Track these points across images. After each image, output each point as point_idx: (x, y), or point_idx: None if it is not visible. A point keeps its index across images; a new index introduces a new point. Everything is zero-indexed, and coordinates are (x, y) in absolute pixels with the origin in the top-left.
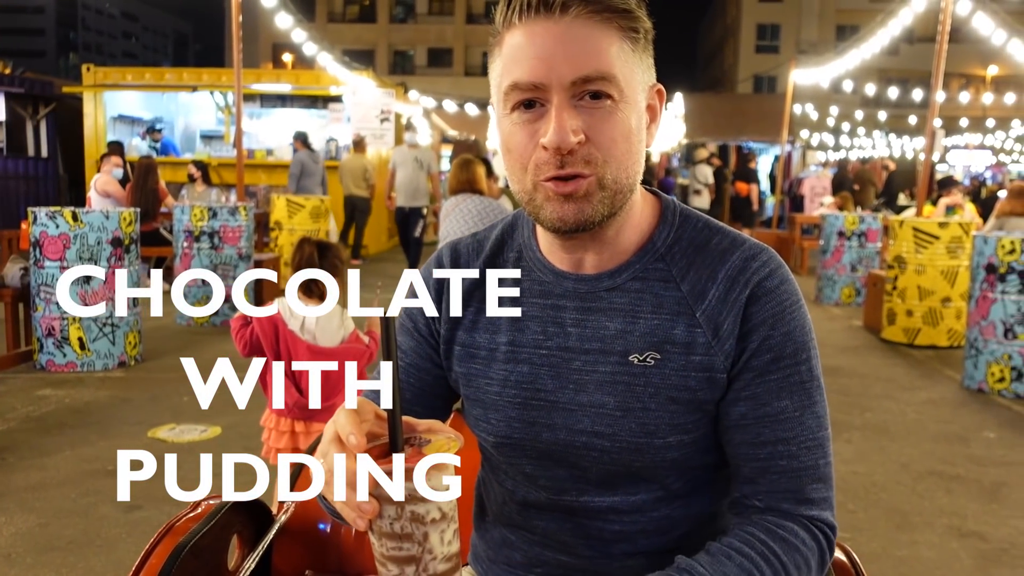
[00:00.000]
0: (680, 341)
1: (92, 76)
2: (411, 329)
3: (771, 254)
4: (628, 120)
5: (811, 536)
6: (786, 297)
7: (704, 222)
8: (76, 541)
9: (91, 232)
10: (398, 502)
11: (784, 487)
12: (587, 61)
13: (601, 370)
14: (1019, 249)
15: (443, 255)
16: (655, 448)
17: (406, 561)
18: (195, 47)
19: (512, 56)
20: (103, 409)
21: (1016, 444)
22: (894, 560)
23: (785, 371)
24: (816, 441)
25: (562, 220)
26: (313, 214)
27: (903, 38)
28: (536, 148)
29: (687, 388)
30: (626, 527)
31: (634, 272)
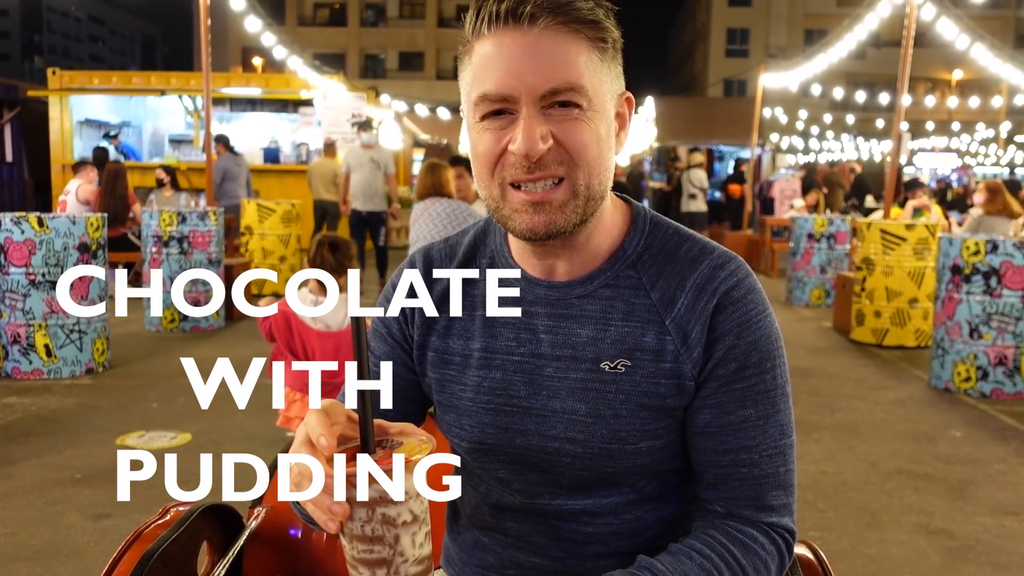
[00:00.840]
0: (650, 348)
1: (58, 80)
2: (384, 335)
3: (739, 263)
4: (597, 128)
5: (771, 541)
6: (752, 307)
7: (674, 229)
8: (43, 551)
9: (57, 238)
10: (369, 504)
11: (745, 494)
12: (556, 72)
13: (573, 377)
14: (983, 250)
15: (416, 261)
16: (626, 453)
17: (377, 564)
18: (163, 51)
19: (482, 66)
20: (70, 417)
21: (982, 442)
22: (863, 558)
23: (750, 380)
24: (778, 449)
25: (532, 230)
26: (284, 219)
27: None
28: (504, 152)
29: (657, 395)
30: (598, 529)
31: (605, 279)
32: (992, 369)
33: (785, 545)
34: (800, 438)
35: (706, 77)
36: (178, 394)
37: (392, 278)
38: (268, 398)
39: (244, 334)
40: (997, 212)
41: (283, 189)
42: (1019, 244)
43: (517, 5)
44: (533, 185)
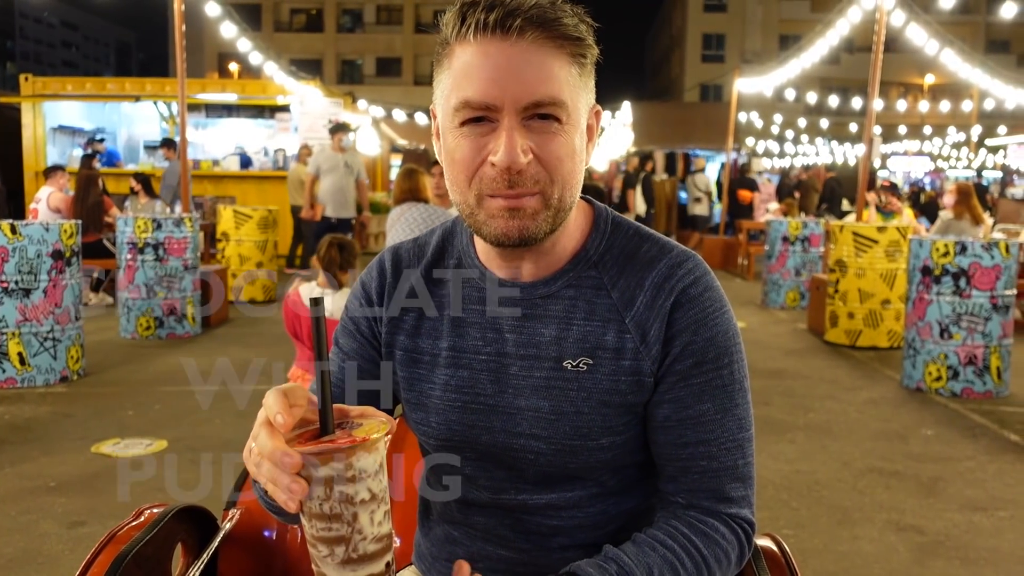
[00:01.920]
0: (611, 347)
1: (31, 86)
2: (353, 331)
3: (697, 262)
4: (573, 141)
5: (731, 531)
6: (709, 304)
7: (635, 230)
8: (16, 559)
9: (31, 245)
10: (327, 483)
11: (705, 486)
12: (539, 86)
13: (537, 375)
14: (952, 252)
15: (385, 260)
16: (588, 449)
17: (335, 541)
18: (138, 56)
19: (464, 72)
20: (44, 425)
21: (952, 441)
22: (835, 555)
23: (707, 375)
24: (736, 443)
25: (506, 236)
26: (261, 225)
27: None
28: (484, 163)
29: (618, 392)
30: (563, 522)
31: (568, 280)
32: (962, 368)
33: (744, 535)
34: (774, 438)
35: (682, 82)
36: (154, 401)
37: (362, 276)
38: (245, 404)
39: (221, 341)
40: (964, 216)
41: (261, 195)
42: (987, 246)
43: (506, 17)
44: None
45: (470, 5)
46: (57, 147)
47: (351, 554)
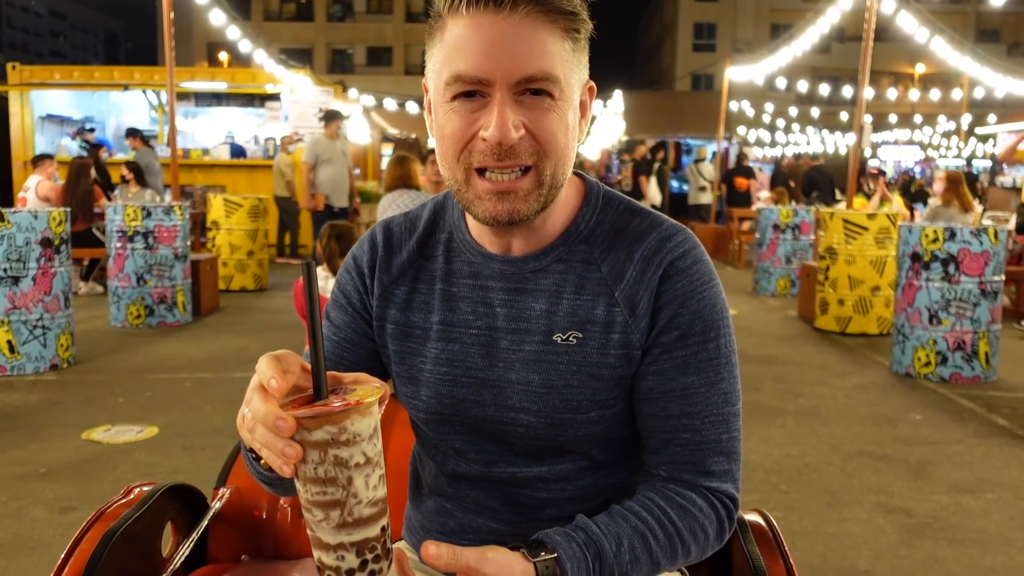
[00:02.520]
0: (600, 320)
1: (18, 75)
2: (345, 305)
3: (687, 235)
4: (566, 117)
5: (709, 505)
6: (697, 277)
7: (626, 205)
8: (7, 544)
9: (19, 232)
10: (321, 446)
11: (687, 459)
12: (532, 60)
13: (527, 349)
14: (942, 238)
15: (376, 234)
16: (578, 423)
17: (330, 506)
18: (127, 46)
19: (456, 46)
20: (34, 412)
21: (940, 424)
22: (824, 536)
23: (692, 348)
24: (720, 416)
25: (495, 218)
26: (251, 213)
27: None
28: (475, 138)
29: (607, 365)
30: (553, 495)
31: (558, 254)
32: (951, 354)
33: (725, 510)
34: (764, 423)
35: (673, 71)
36: (144, 389)
37: (353, 250)
38: (236, 391)
39: (211, 329)
40: (953, 203)
41: (251, 184)
42: (976, 232)
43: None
44: (499, 174)
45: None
46: (46, 136)
47: (346, 518)
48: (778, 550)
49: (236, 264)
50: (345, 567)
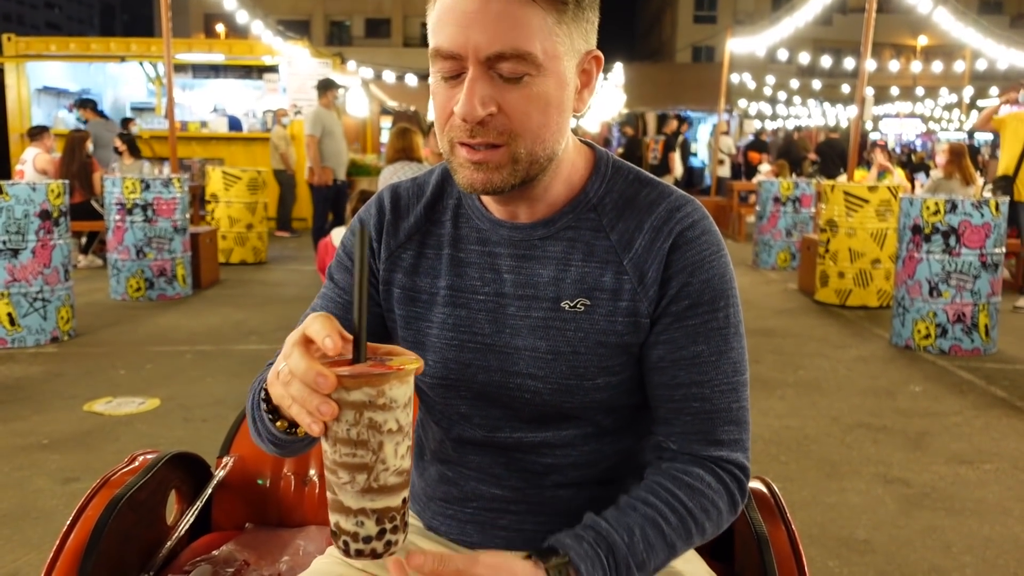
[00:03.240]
0: (608, 288)
1: (13, 47)
2: (350, 267)
3: (696, 206)
4: (546, 93)
5: (717, 479)
6: (706, 247)
7: (635, 175)
8: (11, 513)
9: (18, 205)
10: (357, 407)
11: (696, 428)
12: (502, 37)
13: (534, 315)
14: (943, 210)
15: (384, 197)
16: (584, 389)
17: (358, 469)
18: (123, 18)
19: (439, 19)
20: (36, 384)
21: (939, 396)
22: (823, 506)
23: (702, 317)
24: (730, 385)
25: (471, 186)
26: (250, 186)
27: (836, 8)
28: (452, 112)
29: (614, 332)
30: (558, 460)
31: (567, 222)
32: (951, 326)
33: (735, 482)
34: (764, 394)
35: (674, 43)
36: (145, 361)
37: (360, 212)
38: (236, 364)
39: (211, 301)
40: (955, 176)
41: (249, 157)
42: (977, 204)
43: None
44: (474, 146)
45: None
46: (42, 108)
47: (372, 483)
48: (780, 517)
49: (235, 237)
50: (363, 533)
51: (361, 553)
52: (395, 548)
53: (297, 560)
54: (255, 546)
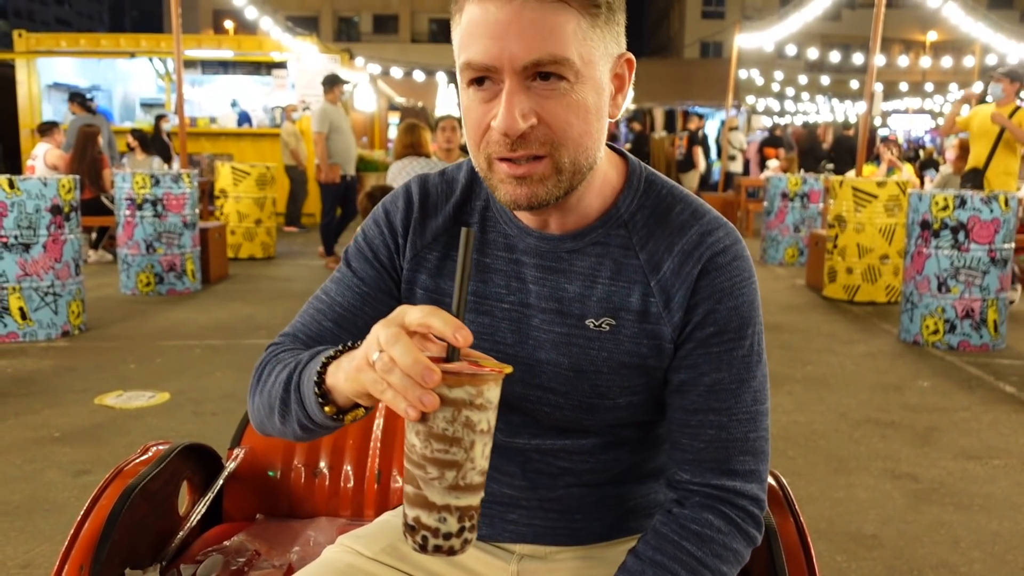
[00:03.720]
0: (634, 309)
1: (24, 43)
2: (371, 259)
3: (728, 230)
4: (585, 100)
5: (727, 521)
6: (736, 273)
7: (668, 189)
8: (23, 506)
9: (29, 200)
10: (457, 405)
11: (711, 456)
12: (540, 44)
13: (557, 331)
14: (952, 205)
15: (412, 191)
16: (605, 407)
17: (449, 465)
18: (132, 14)
19: (468, 32)
20: (47, 378)
21: (948, 392)
22: (831, 501)
23: (727, 345)
24: (749, 414)
25: (515, 202)
26: (259, 182)
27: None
28: (490, 127)
29: (638, 354)
30: (574, 465)
31: (596, 236)
32: (959, 322)
33: (749, 518)
34: (772, 390)
35: (682, 39)
36: (155, 355)
37: (386, 203)
38: (245, 358)
39: (220, 296)
40: (963, 172)
41: (258, 152)
42: (986, 199)
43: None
44: (516, 160)
45: None
46: (52, 105)
47: (460, 481)
48: (788, 509)
49: (244, 232)
50: (444, 530)
51: (439, 549)
52: (467, 547)
53: (307, 551)
54: (266, 537)
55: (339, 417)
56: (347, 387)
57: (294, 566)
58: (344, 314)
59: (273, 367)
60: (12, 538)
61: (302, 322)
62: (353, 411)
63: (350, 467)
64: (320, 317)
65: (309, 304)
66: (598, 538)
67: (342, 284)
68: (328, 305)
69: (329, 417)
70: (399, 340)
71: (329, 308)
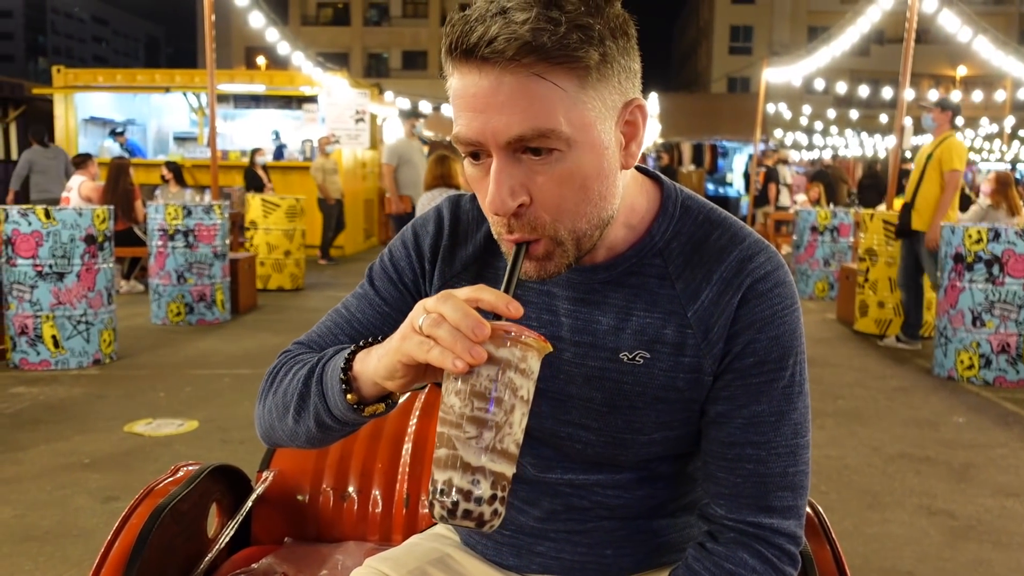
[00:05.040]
0: (670, 341)
1: (63, 78)
2: (396, 280)
3: (770, 254)
4: (581, 166)
5: (763, 560)
6: (778, 301)
7: (705, 215)
8: (53, 531)
9: (64, 229)
10: (502, 365)
11: (748, 492)
12: (520, 118)
13: (590, 364)
14: (985, 239)
15: (444, 215)
16: (640, 443)
17: (488, 426)
18: (167, 51)
19: (454, 103)
20: (78, 405)
21: (984, 428)
22: (865, 537)
23: (767, 376)
24: (788, 448)
25: (525, 274)
26: (289, 213)
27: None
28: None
29: (675, 388)
30: (608, 499)
31: (630, 266)
32: (995, 357)
33: (785, 556)
34: None
35: (709, 73)
36: (185, 384)
37: (416, 224)
38: None
39: (249, 327)
40: (1001, 205)
41: (287, 185)
42: (1021, 232)
43: (475, 45)
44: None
45: (449, 23)
46: (89, 138)
47: (497, 443)
48: (825, 537)
49: (273, 264)
50: (477, 493)
51: (468, 515)
52: (495, 524)
53: (335, 574)
54: (294, 560)
55: (360, 408)
56: (380, 365)
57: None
58: (361, 331)
59: (290, 367)
60: (41, 563)
61: (318, 333)
62: (374, 405)
63: (379, 491)
64: (337, 331)
65: (328, 316)
66: (628, 572)
67: (363, 301)
68: (347, 320)
69: (350, 407)
70: (449, 299)
71: (347, 323)
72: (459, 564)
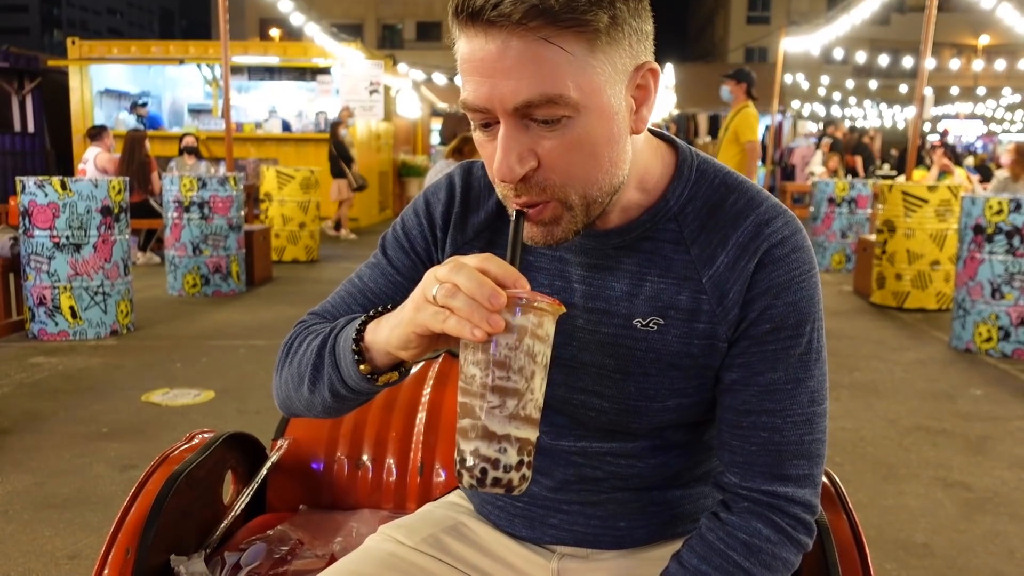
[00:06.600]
0: (684, 307)
1: (77, 50)
2: (408, 248)
3: (787, 219)
4: (590, 131)
5: (777, 530)
6: (796, 266)
7: (721, 178)
8: (72, 499)
9: (80, 201)
10: (520, 332)
11: (762, 460)
12: (528, 83)
13: (604, 331)
14: (1007, 210)
15: (455, 182)
16: (653, 411)
17: (510, 393)
18: (181, 23)
19: (461, 67)
20: (96, 375)
21: (1002, 400)
22: (880, 509)
23: (784, 342)
24: (804, 416)
25: (532, 240)
26: (303, 185)
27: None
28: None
29: (689, 355)
30: (621, 469)
31: (644, 231)
32: (1014, 329)
33: (800, 525)
34: None
35: (726, 44)
36: (201, 354)
37: (428, 192)
38: None
39: (264, 298)
40: (1021, 177)
41: (301, 157)
42: None
43: (481, 7)
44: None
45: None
46: (104, 110)
47: (520, 410)
48: (842, 507)
49: (288, 235)
50: (504, 461)
51: (498, 482)
52: (523, 488)
53: (350, 541)
54: (309, 527)
55: (373, 378)
56: (393, 336)
57: (336, 556)
58: (375, 300)
59: (304, 337)
60: (61, 529)
61: (332, 303)
62: (387, 374)
63: (393, 460)
64: (351, 300)
65: (342, 287)
66: (642, 543)
67: (376, 270)
68: (360, 290)
69: (364, 377)
70: (462, 268)
71: (360, 293)
72: (473, 532)
